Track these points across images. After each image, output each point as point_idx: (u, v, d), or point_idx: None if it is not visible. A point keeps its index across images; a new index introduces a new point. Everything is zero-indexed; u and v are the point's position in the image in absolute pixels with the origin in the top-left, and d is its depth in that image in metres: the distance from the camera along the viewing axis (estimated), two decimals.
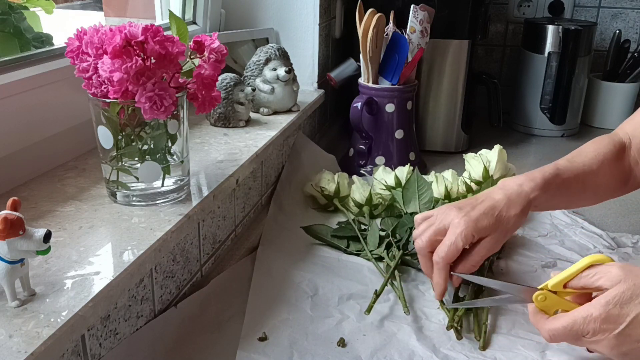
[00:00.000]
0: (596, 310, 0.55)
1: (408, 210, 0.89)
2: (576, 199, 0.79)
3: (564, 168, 0.76)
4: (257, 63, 1.05)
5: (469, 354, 0.66)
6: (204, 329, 0.69)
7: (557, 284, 0.60)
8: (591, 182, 0.77)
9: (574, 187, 0.75)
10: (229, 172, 0.78)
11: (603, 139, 0.80)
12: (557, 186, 0.74)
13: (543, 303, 0.61)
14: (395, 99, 1.14)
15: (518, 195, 0.71)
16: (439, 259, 0.70)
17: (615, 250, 0.89)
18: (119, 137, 0.64)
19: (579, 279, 0.59)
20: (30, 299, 0.49)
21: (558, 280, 0.60)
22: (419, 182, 0.91)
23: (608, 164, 0.77)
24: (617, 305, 0.54)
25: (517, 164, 1.27)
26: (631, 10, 1.58)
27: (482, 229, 0.69)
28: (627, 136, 0.80)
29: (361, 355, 0.65)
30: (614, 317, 0.54)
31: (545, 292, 0.60)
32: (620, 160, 0.79)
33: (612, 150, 0.78)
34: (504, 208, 0.70)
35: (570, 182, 0.75)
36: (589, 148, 0.80)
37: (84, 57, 0.62)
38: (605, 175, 0.77)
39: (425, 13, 1.14)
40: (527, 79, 1.47)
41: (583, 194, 0.78)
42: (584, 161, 0.77)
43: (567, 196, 0.76)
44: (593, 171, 0.76)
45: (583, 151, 0.80)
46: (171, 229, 0.62)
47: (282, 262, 0.83)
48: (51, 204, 0.66)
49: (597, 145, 0.79)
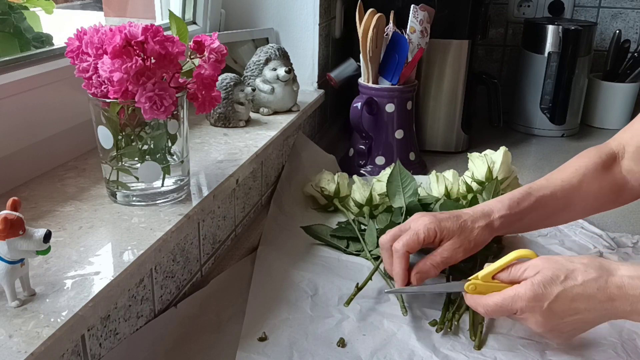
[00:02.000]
0: (523, 289, 0.61)
1: (395, 205, 0.89)
2: (561, 214, 0.80)
3: (538, 187, 0.77)
4: (257, 63, 1.05)
5: (469, 353, 0.66)
6: (204, 329, 0.69)
7: (486, 276, 0.65)
8: (575, 197, 0.77)
9: (552, 204, 0.76)
10: (229, 172, 0.78)
11: (589, 152, 0.80)
12: (529, 205, 0.75)
13: (474, 291, 0.66)
14: (395, 99, 1.15)
15: (483, 213, 0.74)
16: (398, 247, 0.72)
17: (615, 250, 0.89)
18: (119, 137, 0.64)
19: (508, 273, 0.64)
20: (30, 299, 0.49)
21: (487, 272, 0.65)
22: (402, 175, 0.91)
23: (592, 175, 0.77)
24: (541, 285, 0.60)
25: (517, 164, 1.27)
26: (631, 10, 1.58)
27: (445, 227, 0.72)
28: (620, 146, 0.80)
29: (361, 355, 0.65)
30: (540, 295, 0.60)
31: (474, 281, 0.66)
32: (607, 171, 0.78)
33: (596, 162, 0.78)
34: (469, 219, 0.74)
35: (546, 199, 0.76)
36: (571, 163, 0.80)
37: (84, 57, 0.62)
38: (590, 187, 0.77)
39: (425, 13, 1.14)
40: (527, 79, 1.47)
41: (567, 208, 0.78)
42: (563, 177, 0.77)
43: (546, 214, 0.77)
44: (574, 185, 0.76)
45: (564, 167, 0.80)
46: (171, 229, 0.62)
47: (282, 262, 0.83)
48: (51, 204, 0.66)
49: (580, 160, 0.79)
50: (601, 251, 0.88)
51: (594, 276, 0.59)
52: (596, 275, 0.59)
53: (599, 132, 1.54)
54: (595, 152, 0.79)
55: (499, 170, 0.97)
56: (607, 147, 0.80)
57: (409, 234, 0.72)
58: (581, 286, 0.59)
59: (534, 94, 1.46)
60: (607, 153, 0.79)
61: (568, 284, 0.59)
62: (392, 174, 0.92)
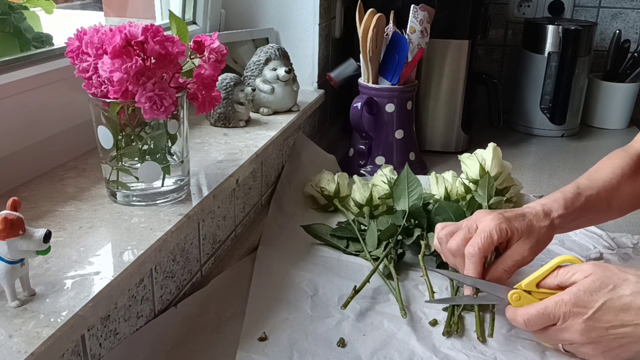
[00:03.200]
0: (567, 295, 0.58)
1: (398, 207, 0.89)
2: (601, 216, 0.79)
3: (584, 187, 0.75)
4: (257, 63, 1.05)
5: (469, 352, 0.66)
6: (204, 329, 0.69)
7: (529, 284, 0.62)
8: (615, 198, 0.76)
9: (598, 204, 0.75)
10: (229, 172, 0.78)
11: (619, 153, 0.80)
12: (581, 205, 0.73)
13: (517, 302, 0.62)
14: (395, 99, 1.14)
15: (544, 213, 0.71)
16: (473, 251, 0.68)
17: (615, 251, 0.89)
18: (119, 137, 0.64)
19: (555, 278, 0.61)
20: (30, 299, 0.49)
21: (531, 279, 0.62)
22: (409, 179, 0.91)
23: (628, 177, 0.77)
24: (587, 292, 0.57)
25: (517, 164, 1.27)
26: (631, 10, 1.58)
27: (515, 227, 0.69)
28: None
29: (361, 355, 0.65)
30: (584, 302, 0.57)
31: (519, 291, 0.62)
32: (638, 173, 0.78)
33: (630, 164, 0.77)
34: (534, 218, 0.70)
35: (593, 200, 0.74)
36: (607, 163, 0.79)
37: (84, 57, 0.62)
38: (626, 189, 0.76)
39: (425, 13, 1.14)
40: (527, 79, 1.47)
41: (608, 210, 0.77)
42: (604, 178, 0.76)
43: (593, 214, 0.76)
44: (614, 187, 0.76)
45: (600, 168, 0.79)
46: (171, 229, 0.62)
47: (282, 262, 0.83)
48: (51, 204, 0.66)
49: (614, 160, 0.79)
50: (601, 251, 0.88)
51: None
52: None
53: (599, 132, 1.54)
54: (626, 155, 0.79)
55: (492, 166, 0.98)
56: (633, 149, 0.80)
57: (482, 237, 0.68)
58: (630, 297, 0.56)
59: (534, 94, 1.46)
60: (635, 154, 0.79)
61: (616, 293, 0.56)
62: (399, 177, 0.92)
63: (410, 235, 0.86)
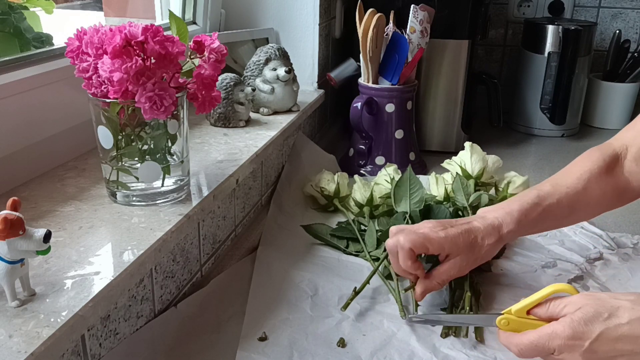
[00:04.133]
0: (561, 326, 0.56)
1: (399, 209, 0.89)
2: (564, 221, 0.79)
3: (545, 195, 0.75)
4: (257, 63, 1.05)
5: (469, 352, 0.66)
6: (204, 329, 0.69)
7: (520, 310, 0.60)
8: (580, 203, 0.76)
9: (558, 212, 0.75)
10: (229, 172, 0.78)
11: (592, 153, 0.79)
12: (537, 215, 0.73)
13: (507, 327, 0.61)
14: (395, 99, 1.15)
15: (493, 228, 0.72)
16: (404, 242, 0.69)
17: (615, 251, 0.89)
18: (119, 137, 0.64)
19: (546, 310, 0.59)
20: (30, 299, 0.49)
21: (522, 306, 0.60)
22: (411, 181, 0.91)
23: (596, 180, 0.76)
24: (581, 322, 0.55)
25: (517, 164, 1.27)
26: (631, 10, 1.58)
27: (455, 245, 0.70)
28: (623, 146, 0.78)
29: (361, 355, 0.65)
30: (580, 333, 0.55)
31: (507, 316, 0.61)
32: (610, 174, 0.77)
33: (600, 166, 0.76)
34: (480, 235, 0.71)
35: (553, 208, 0.74)
36: (576, 166, 0.78)
37: (84, 57, 0.62)
38: (594, 192, 0.76)
39: (425, 13, 1.14)
40: (527, 79, 1.47)
41: (572, 215, 0.77)
42: (568, 183, 0.76)
43: (552, 221, 0.77)
44: (579, 191, 0.75)
45: (569, 170, 0.78)
46: (171, 229, 0.62)
47: (282, 262, 0.83)
48: (51, 204, 0.66)
49: (584, 162, 0.78)
50: (601, 251, 0.88)
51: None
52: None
53: (599, 132, 1.54)
54: (599, 155, 0.78)
55: (472, 166, 0.97)
56: (609, 148, 0.79)
57: (419, 236, 0.69)
58: (627, 325, 0.54)
59: (534, 94, 1.46)
60: (610, 155, 0.78)
61: (612, 322, 0.55)
62: (402, 179, 0.92)
63: None
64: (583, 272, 0.83)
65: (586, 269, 0.84)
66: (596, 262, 0.86)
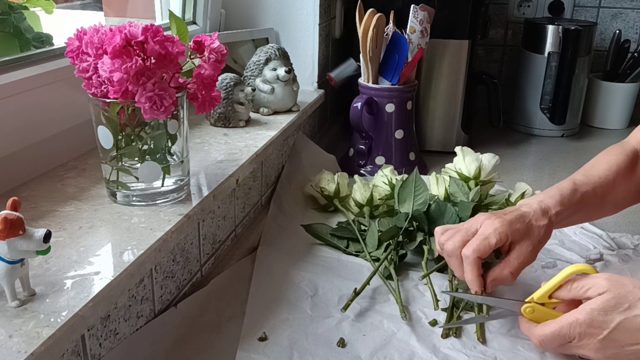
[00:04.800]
0: (582, 315, 0.58)
1: (401, 210, 0.89)
2: (596, 212, 0.79)
3: (580, 183, 0.75)
4: (257, 63, 1.05)
5: (469, 352, 0.66)
6: (204, 329, 0.69)
7: (542, 296, 0.62)
8: (610, 194, 0.76)
9: (593, 201, 0.75)
10: (229, 172, 0.78)
11: (615, 149, 0.80)
12: (577, 201, 0.73)
13: (531, 315, 0.62)
14: (395, 99, 1.15)
15: (542, 210, 0.72)
16: (469, 253, 0.68)
17: (615, 252, 0.89)
18: (119, 137, 0.64)
19: (569, 291, 0.61)
20: (30, 299, 0.49)
21: (543, 292, 0.62)
22: (417, 183, 0.91)
23: (622, 174, 0.77)
24: (601, 311, 0.57)
25: (517, 164, 1.27)
26: (631, 10, 1.58)
27: (515, 230, 0.69)
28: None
29: (361, 355, 0.65)
30: (599, 322, 0.57)
31: (532, 304, 0.62)
32: (634, 169, 0.78)
33: (625, 160, 0.77)
34: (533, 218, 0.71)
35: (589, 196, 0.75)
36: (603, 159, 0.79)
37: (84, 57, 0.62)
38: (620, 185, 0.76)
39: (425, 13, 1.14)
40: (527, 79, 1.47)
41: (602, 206, 0.78)
42: (599, 174, 0.76)
43: (587, 210, 0.76)
44: (609, 183, 0.76)
45: (597, 163, 0.79)
46: (171, 229, 0.62)
47: (282, 262, 0.83)
48: (51, 204, 0.66)
49: (610, 156, 0.79)
50: (601, 252, 0.88)
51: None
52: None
53: (599, 132, 1.54)
54: (621, 150, 0.79)
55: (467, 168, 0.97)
56: (629, 145, 0.80)
57: (479, 239, 0.68)
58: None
59: (534, 94, 1.46)
60: (632, 151, 0.79)
61: (631, 312, 0.56)
62: (407, 180, 0.91)
63: (411, 237, 0.86)
64: None
65: None
66: (596, 262, 0.86)
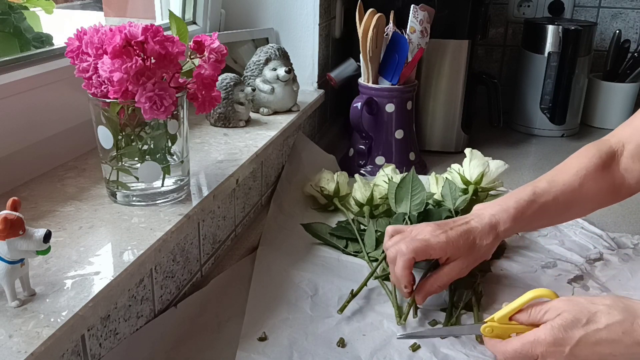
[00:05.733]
0: (543, 333, 0.58)
1: (399, 210, 0.89)
2: (560, 217, 0.79)
3: (541, 191, 0.75)
4: (257, 63, 1.05)
5: (469, 352, 0.66)
6: (204, 329, 0.69)
7: (502, 317, 0.62)
8: (576, 199, 0.76)
9: (554, 208, 0.75)
10: (229, 172, 0.78)
11: (589, 150, 0.79)
12: (533, 212, 0.74)
13: (492, 334, 0.62)
14: (395, 99, 1.14)
15: (490, 226, 0.72)
16: (406, 250, 0.68)
17: (615, 251, 0.89)
18: (119, 137, 0.64)
19: (528, 315, 0.61)
20: (30, 299, 0.49)
21: (504, 313, 0.62)
22: (414, 183, 0.91)
23: (592, 177, 0.76)
24: (561, 328, 0.57)
25: (517, 164, 1.27)
26: (631, 10, 1.58)
27: (456, 248, 0.70)
28: (619, 143, 0.79)
29: (361, 355, 0.65)
30: (560, 340, 0.57)
31: (491, 324, 0.62)
32: (606, 171, 0.77)
33: (596, 163, 0.77)
34: (478, 236, 0.72)
35: (549, 205, 0.75)
36: (572, 163, 0.79)
37: (84, 57, 0.62)
38: (590, 189, 0.76)
39: (425, 13, 1.14)
40: (527, 79, 1.47)
41: (567, 211, 0.78)
42: (565, 179, 0.76)
43: (548, 218, 0.77)
44: (575, 188, 0.76)
45: (565, 167, 0.79)
46: (171, 229, 0.62)
47: (282, 262, 0.83)
48: (51, 204, 0.66)
49: (580, 159, 0.78)
50: (601, 252, 0.88)
51: (618, 319, 0.56)
52: (621, 318, 0.56)
53: (599, 132, 1.54)
54: (595, 152, 0.78)
55: (470, 171, 0.97)
56: (606, 145, 0.79)
57: (422, 244, 0.69)
58: (605, 330, 0.56)
59: (534, 94, 1.46)
60: (606, 151, 0.78)
61: (590, 327, 0.56)
62: (404, 180, 0.91)
63: None
64: (583, 272, 0.83)
65: (586, 269, 0.84)
66: (596, 262, 0.86)
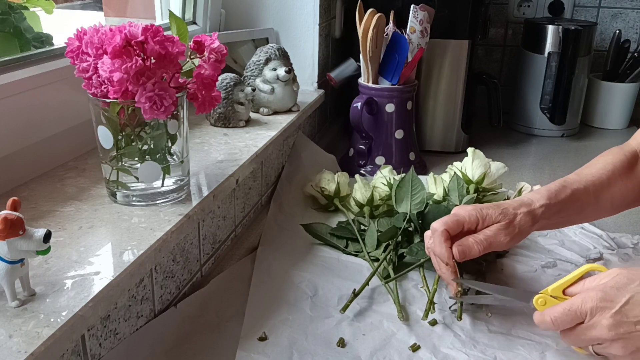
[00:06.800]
0: (593, 291, 0.59)
1: (399, 210, 0.89)
2: (591, 211, 0.79)
3: (571, 181, 0.76)
4: (257, 63, 1.05)
5: (469, 352, 0.66)
6: (204, 329, 0.69)
7: (556, 289, 0.62)
8: (604, 193, 0.76)
9: (585, 198, 0.75)
10: (229, 172, 0.78)
11: (613, 150, 0.80)
12: (566, 197, 0.74)
13: (543, 307, 0.62)
14: (395, 99, 1.14)
15: (523, 202, 0.73)
16: (437, 226, 0.70)
17: (615, 251, 0.89)
18: (119, 137, 0.64)
19: (582, 286, 0.61)
20: (30, 299, 0.49)
21: (557, 285, 0.62)
22: (413, 182, 0.91)
23: (619, 174, 0.77)
24: (613, 287, 0.58)
25: (517, 164, 1.27)
26: (631, 10, 1.58)
27: (487, 214, 0.71)
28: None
29: (361, 355, 0.65)
30: (611, 296, 0.57)
31: (545, 295, 0.62)
32: (632, 170, 0.78)
33: (623, 161, 0.77)
34: (510, 207, 0.72)
35: (580, 193, 0.75)
36: (598, 160, 0.79)
37: (84, 57, 0.62)
38: (618, 185, 0.77)
39: (425, 13, 1.14)
40: (527, 79, 1.47)
41: (597, 205, 0.77)
42: (592, 172, 0.77)
43: (580, 208, 0.76)
44: (603, 182, 0.76)
45: (592, 163, 0.79)
46: (171, 229, 0.62)
47: (282, 262, 0.83)
48: (51, 204, 0.66)
49: (606, 157, 0.79)
50: (601, 251, 0.88)
51: None
52: None
53: (599, 132, 1.54)
54: (620, 151, 0.79)
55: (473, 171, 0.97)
56: (629, 147, 0.80)
57: (450, 216, 0.72)
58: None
59: (534, 94, 1.46)
60: (630, 152, 0.79)
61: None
62: (404, 179, 0.91)
63: (410, 238, 0.86)
64: None
65: None
66: (596, 262, 0.86)
